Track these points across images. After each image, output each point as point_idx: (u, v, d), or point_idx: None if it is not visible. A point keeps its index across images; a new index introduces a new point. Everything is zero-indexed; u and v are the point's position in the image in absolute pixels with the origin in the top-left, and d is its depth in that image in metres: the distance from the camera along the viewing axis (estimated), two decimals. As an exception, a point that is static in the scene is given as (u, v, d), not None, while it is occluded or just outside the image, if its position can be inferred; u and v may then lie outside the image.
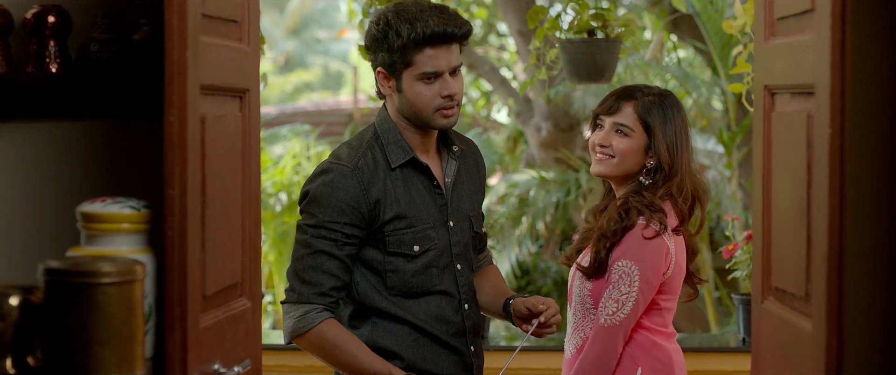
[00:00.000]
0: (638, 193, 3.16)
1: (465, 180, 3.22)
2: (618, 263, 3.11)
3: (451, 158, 3.16)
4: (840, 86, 2.30)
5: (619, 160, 3.19)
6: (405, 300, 3.08)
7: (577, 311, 3.22)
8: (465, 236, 3.17)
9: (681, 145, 3.18)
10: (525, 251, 9.01)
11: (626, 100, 3.21)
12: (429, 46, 2.97)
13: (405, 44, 2.96)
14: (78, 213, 2.42)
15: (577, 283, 3.21)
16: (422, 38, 2.95)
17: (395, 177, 3.06)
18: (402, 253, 3.05)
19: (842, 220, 2.31)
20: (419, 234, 3.07)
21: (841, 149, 2.31)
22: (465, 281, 3.16)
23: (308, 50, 21.62)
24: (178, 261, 2.36)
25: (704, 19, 7.79)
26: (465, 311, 3.15)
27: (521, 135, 10.50)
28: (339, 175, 3.01)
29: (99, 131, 2.81)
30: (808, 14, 2.46)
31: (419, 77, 3.00)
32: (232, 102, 2.66)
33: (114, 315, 2.19)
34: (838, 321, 2.32)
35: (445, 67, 3.00)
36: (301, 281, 3.02)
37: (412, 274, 3.07)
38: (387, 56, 3.01)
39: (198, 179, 2.42)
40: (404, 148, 3.08)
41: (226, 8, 2.60)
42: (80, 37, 2.72)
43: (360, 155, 3.05)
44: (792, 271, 2.56)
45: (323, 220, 3.00)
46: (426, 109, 3.02)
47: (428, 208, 3.10)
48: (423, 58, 2.98)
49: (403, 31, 2.96)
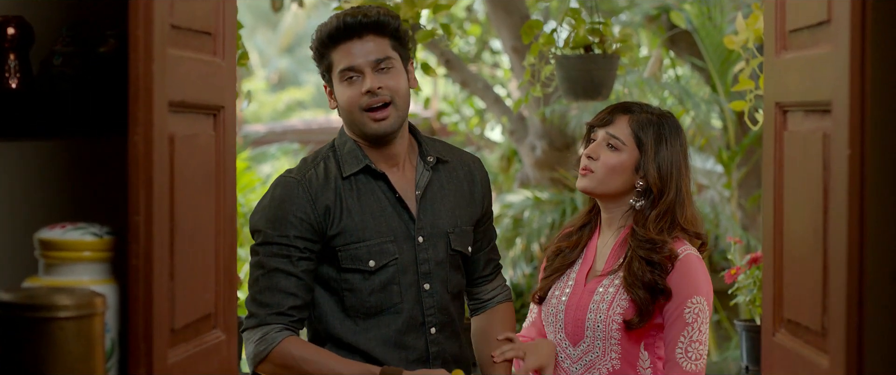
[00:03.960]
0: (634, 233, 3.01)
1: (448, 194, 3.06)
2: (691, 301, 2.96)
3: (424, 169, 3.02)
4: (859, 103, 2.16)
5: (603, 175, 3.01)
6: (364, 321, 2.94)
7: (593, 347, 3.01)
8: (438, 254, 3.01)
9: (677, 170, 3.01)
10: (520, 273, 8.88)
11: (621, 113, 3.06)
12: (341, 42, 2.92)
13: (321, 45, 2.95)
14: (35, 240, 2.27)
15: (593, 317, 2.99)
16: (328, 35, 2.93)
17: (348, 187, 2.95)
18: (357, 269, 2.93)
19: (862, 248, 2.17)
20: (375, 248, 2.93)
21: (861, 171, 2.17)
22: (434, 302, 2.99)
23: (301, 68, 21.56)
24: (144, 292, 2.20)
25: (703, 35, 7.68)
26: (431, 336, 2.99)
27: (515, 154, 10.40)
28: (284, 187, 2.94)
29: (60, 151, 2.63)
30: (824, 25, 2.31)
31: (340, 77, 2.93)
32: (205, 120, 2.50)
33: (71, 352, 2.05)
34: (858, 357, 2.17)
35: (362, 60, 2.91)
36: (258, 305, 2.91)
37: (370, 293, 2.94)
38: (319, 66, 2.99)
39: (165, 203, 2.26)
40: (358, 157, 2.96)
41: (197, 18, 2.43)
42: (43, 50, 2.55)
43: (311, 166, 2.98)
44: (806, 302, 2.40)
45: (273, 236, 2.91)
46: (354, 112, 2.93)
47: (388, 221, 2.96)
48: (337, 55, 2.93)
49: (317, 33, 2.96)
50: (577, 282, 3.06)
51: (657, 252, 2.96)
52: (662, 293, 2.94)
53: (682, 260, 2.97)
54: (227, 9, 2.60)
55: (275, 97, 19.33)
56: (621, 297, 2.97)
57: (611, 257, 3.05)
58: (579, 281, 3.07)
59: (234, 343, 2.67)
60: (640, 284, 2.94)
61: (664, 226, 3.00)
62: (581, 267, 3.10)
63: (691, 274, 2.97)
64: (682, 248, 2.99)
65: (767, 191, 2.65)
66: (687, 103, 7.82)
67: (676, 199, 3.02)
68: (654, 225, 2.98)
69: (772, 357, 2.64)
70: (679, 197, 3.02)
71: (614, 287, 2.99)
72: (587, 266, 3.09)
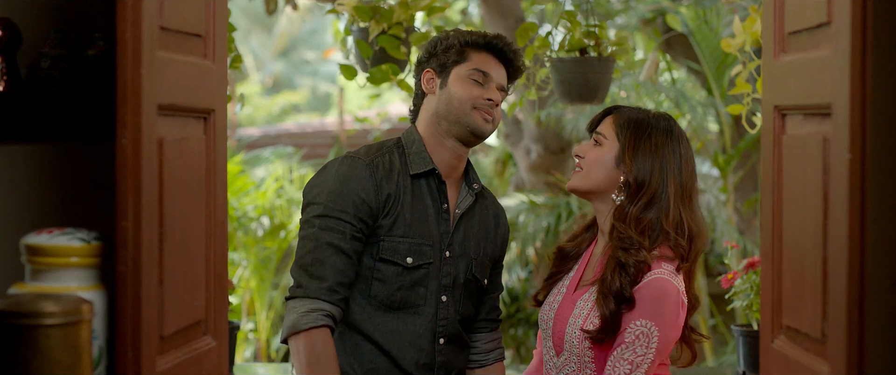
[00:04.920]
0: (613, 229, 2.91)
1: (478, 225, 3.15)
2: (635, 324, 2.80)
3: (468, 193, 3.12)
4: (860, 107, 2.12)
5: (587, 170, 2.98)
6: (382, 313, 2.99)
7: (570, 360, 2.93)
8: (459, 274, 3.08)
9: (660, 168, 2.93)
10: (515, 277, 8.83)
11: (609, 113, 3.04)
12: (487, 51, 3.07)
13: (466, 42, 3.07)
14: (22, 246, 2.22)
15: (570, 332, 2.90)
16: (483, 42, 3.07)
17: (408, 184, 3.01)
18: (394, 262, 2.98)
19: (863, 253, 2.13)
20: (415, 247, 2.99)
21: (861, 176, 2.13)
22: (447, 316, 3.05)
23: (296, 71, 21.51)
24: (132, 299, 2.16)
25: (699, 39, 7.65)
26: (440, 346, 3.04)
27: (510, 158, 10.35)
28: (353, 166, 2.98)
29: (47, 155, 2.58)
30: (824, 28, 2.27)
31: (471, 73, 3.04)
32: (195, 124, 2.46)
33: (58, 361, 2.01)
34: (859, 364, 2.13)
35: (495, 76, 3.06)
36: (309, 276, 2.92)
37: (399, 288, 2.99)
38: (441, 56, 3.07)
39: (154, 208, 2.22)
40: (426, 159, 3.04)
41: (187, 20, 2.39)
42: (31, 52, 2.51)
43: (378, 154, 3.03)
44: (806, 308, 2.37)
45: (332, 210, 2.94)
46: (465, 103, 3.02)
47: (430, 226, 3.03)
48: (479, 57, 3.06)
49: (465, 35, 3.09)
50: (567, 291, 3.00)
51: (631, 252, 2.85)
52: (627, 302, 2.82)
53: (654, 280, 2.83)
54: (218, 11, 2.57)
55: (269, 100, 19.27)
56: (592, 317, 2.88)
57: (599, 265, 2.98)
58: (569, 290, 3.00)
59: (224, 350, 2.63)
60: (610, 293, 2.84)
61: (646, 228, 2.89)
62: (574, 275, 3.05)
63: (652, 299, 2.82)
64: (658, 270, 2.85)
65: (766, 196, 2.61)
66: (683, 106, 7.79)
67: (662, 200, 2.91)
68: (634, 223, 2.89)
69: (770, 364, 2.60)
70: (664, 197, 2.91)
71: (590, 303, 2.91)
72: (579, 273, 3.03)
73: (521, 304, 8.68)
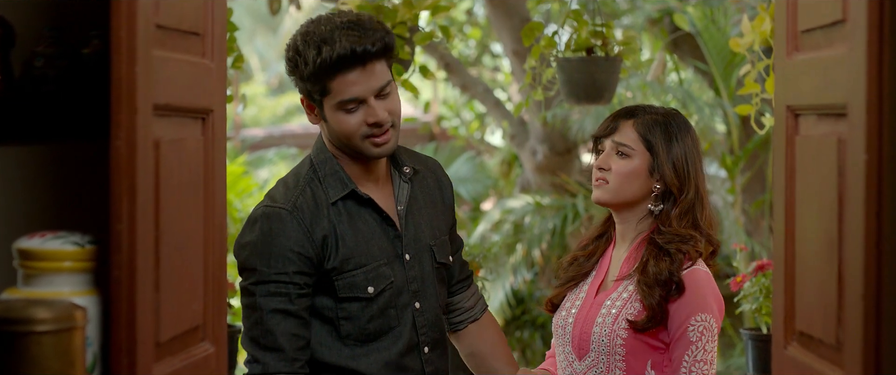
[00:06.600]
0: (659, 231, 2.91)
1: (423, 205, 2.94)
2: (695, 318, 2.84)
3: (402, 182, 2.88)
4: (877, 106, 2.06)
5: (617, 184, 2.92)
6: (360, 347, 2.81)
7: (597, 362, 2.91)
8: (425, 269, 2.89)
9: (693, 167, 2.93)
10: (520, 279, 8.80)
11: (625, 119, 2.97)
12: (342, 71, 2.67)
13: (315, 72, 2.67)
14: (14, 250, 2.17)
15: (599, 331, 2.89)
16: (330, 64, 2.66)
17: (338, 211, 2.78)
18: (355, 297, 2.78)
19: (879, 257, 2.07)
20: (371, 274, 2.79)
21: (878, 177, 2.07)
22: (426, 320, 2.88)
23: (301, 72, 21.50)
24: (127, 304, 2.11)
25: (706, 38, 7.61)
26: (425, 356, 2.88)
27: (515, 159, 10.33)
28: (276, 220, 2.73)
29: (41, 156, 2.53)
30: (839, 25, 2.22)
31: (338, 106, 2.72)
32: (193, 124, 2.41)
33: (50, 369, 1.96)
34: (875, 371, 2.08)
35: (366, 92, 2.71)
36: (263, 349, 2.73)
37: (369, 320, 2.80)
38: (303, 85, 2.74)
39: (150, 211, 2.17)
40: (342, 180, 2.81)
41: (185, 18, 2.34)
42: (25, 51, 2.45)
43: (298, 193, 2.78)
44: (820, 314, 2.31)
45: (269, 274, 2.72)
46: (353, 138, 2.75)
47: (379, 242, 2.82)
48: (338, 85, 2.69)
49: (310, 58, 2.67)
50: (588, 295, 2.98)
51: (688, 243, 2.88)
52: (677, 289, 2.84)
53: (687, 274, 2.87)
54: (217, 8, 2.51)
55: (274, 101, 19.27)
56: (628, 310, 2.88)
57: (625, 265, 2.96)
58: (590, 294, 2.98)
59: (223, 356, 2.57)
60: (655, 282, 2.85)
61: (687, 225, 2.92)
62: (594, 280, 3.02)
63: (698, 290, 2.86)
64: (689, 263, 2.90)
65: (778, 198, 2.56)
66: (690, 107, 7.76)
67: (696, 198, 2.94)
68: (678, 223, 2.91)
69: (784, 372, 2.55)
70: (698, 196, 2.94)
71: (622, 300, 2.90)
72: (600, 278, 3.01)
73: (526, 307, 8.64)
